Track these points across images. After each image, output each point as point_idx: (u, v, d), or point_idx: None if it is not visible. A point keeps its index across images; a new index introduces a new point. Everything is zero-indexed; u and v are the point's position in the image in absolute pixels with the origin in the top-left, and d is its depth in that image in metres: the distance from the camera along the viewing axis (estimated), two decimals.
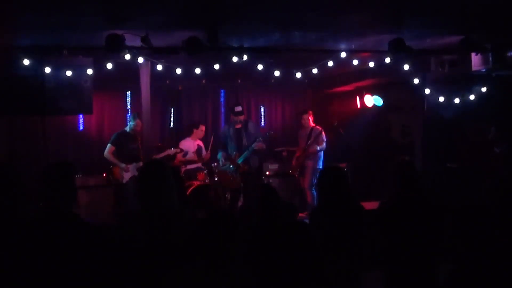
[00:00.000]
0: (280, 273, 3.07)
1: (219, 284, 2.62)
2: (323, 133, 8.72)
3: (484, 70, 7.25)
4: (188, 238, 2.95)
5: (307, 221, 4.43)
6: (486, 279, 2.67)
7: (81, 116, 9.17)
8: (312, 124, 8.84)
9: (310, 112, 8.94)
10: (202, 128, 9.04)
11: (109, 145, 7.90)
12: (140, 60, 6.52)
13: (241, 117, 8.32)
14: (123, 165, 7.76)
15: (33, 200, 3.11)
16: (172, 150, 8.23)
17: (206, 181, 8.36)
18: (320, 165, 8.64)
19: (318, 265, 2.81)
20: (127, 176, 7.77)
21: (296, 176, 8.87)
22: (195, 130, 8.99)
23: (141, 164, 7.73)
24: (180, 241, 3.07)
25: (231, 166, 8.21)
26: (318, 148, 8.60)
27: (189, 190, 8.00)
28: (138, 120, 7.91)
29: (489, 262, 2.73)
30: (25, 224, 2.91)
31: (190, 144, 8.92)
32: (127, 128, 8.06)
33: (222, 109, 10.42)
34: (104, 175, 8.07)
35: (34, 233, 2.85)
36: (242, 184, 8.18)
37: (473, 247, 2.77)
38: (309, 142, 8.67)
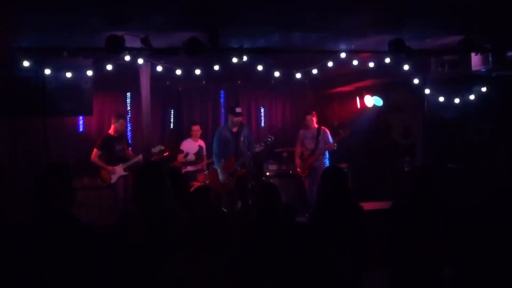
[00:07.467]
0: (280, 274, 3.07)
1: (216, 283, 2.62)
2: (329, 133, 8.73)
3: (484, 70, 7.24)
4: (185, 238, 2.95)
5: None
6: (489, 280, 2.67)
7: (81, 117, 9.19)
8: (316, 124, 8.81)
9: (314, 112, 8.91)
10: (194, 128, 8.99)
11: (95, 149, 8.12)
12: (140, 61, 6.52)
13: (240, 118, 8.30)
14: (110, 168, 8.03)
15: (33, 201, 3.09)
16: (156, 149, 8.25)
17: (207, 182, 8.36)
18: (327, 164, 8.61)
19: (318, 265, 2.81)
20: (115, 177, 8.06)
21: (303, 177, 8.75)
22: (191, 132, 9.02)
23: (127, 164, 8.09)
24: (177, 242, 3.07)
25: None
26: (335, 146, 8.57)
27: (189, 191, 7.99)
28: (121, 120, 8.23)
29: (492, 263, 2.73)
30: (23, 225, 2.90)
31: (190, 145, 8.91)
32: (111, 131, 8.21)
33: (222, 110, 10.42)
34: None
35: (31, 235, 2.85)
36: (236, 188, 8.05)
37: (475, 247, 2.77)
38: (319, 142, 8.63)
